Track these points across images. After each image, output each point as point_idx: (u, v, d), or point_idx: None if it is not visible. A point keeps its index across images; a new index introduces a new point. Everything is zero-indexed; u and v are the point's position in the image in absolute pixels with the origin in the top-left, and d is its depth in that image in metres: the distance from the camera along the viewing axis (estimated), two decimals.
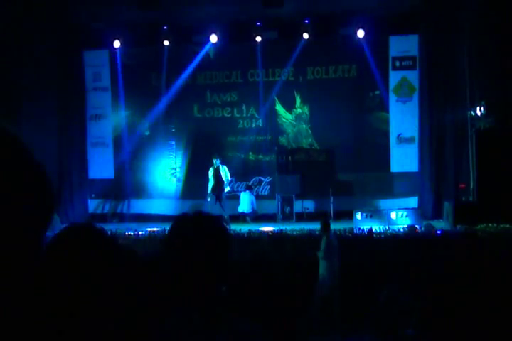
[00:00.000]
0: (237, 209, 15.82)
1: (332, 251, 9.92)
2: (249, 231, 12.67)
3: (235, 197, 16.28)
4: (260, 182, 17.11)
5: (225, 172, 14.54)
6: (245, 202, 15.90)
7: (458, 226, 12.34)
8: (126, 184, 17.08)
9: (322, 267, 9.99)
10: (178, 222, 2.09)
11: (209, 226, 2.05)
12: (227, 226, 11.15)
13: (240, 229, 12.83)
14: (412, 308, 6.94)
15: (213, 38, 16.38)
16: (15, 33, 14.70)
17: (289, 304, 8.42)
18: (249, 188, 16.26)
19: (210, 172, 14.59)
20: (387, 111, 16.41)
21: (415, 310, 6.89)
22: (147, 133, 17.53)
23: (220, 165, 14.61)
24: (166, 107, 17.25)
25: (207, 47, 16.79)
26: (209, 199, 14.54)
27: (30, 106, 15.34)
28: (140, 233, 12.89)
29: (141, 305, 1.83)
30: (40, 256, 1.44)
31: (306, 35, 16.20)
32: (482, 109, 13.94)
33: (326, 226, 10.32)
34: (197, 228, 2.03)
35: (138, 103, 17.28)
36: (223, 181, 14.53)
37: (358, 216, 13.53)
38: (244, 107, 17.28)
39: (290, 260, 10.79)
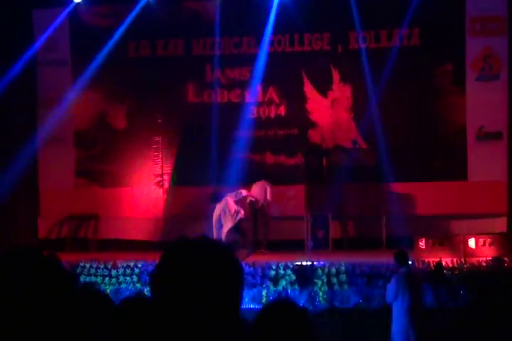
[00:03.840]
0: None
1: (410, 290, 9.97)
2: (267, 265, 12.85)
3: None
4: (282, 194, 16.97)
5: None
6: None
7: None
8: (91, 197, 17.11)
9: (396, 312, 10.01)
10: (172, 251, 2.02)
11: (216, 256, 2.00)
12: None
13: (254, 263, 12.92)
14: None
15: None
16: None
17: None
18: None
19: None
20: (464, 95, 16.53)
21: None
22: (123, 125, 17.54)
23: None
24: (149, 89, 17.32)
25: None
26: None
27: None
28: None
29: None
30: None
31: None
32: None
33: (402, 257, 10.40)
34: (200, 259, 1.97)
35: (109, 83, 17.34)
36: None
37: (422, 243, 13.62)
38: (259, 88, 17.19)
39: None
